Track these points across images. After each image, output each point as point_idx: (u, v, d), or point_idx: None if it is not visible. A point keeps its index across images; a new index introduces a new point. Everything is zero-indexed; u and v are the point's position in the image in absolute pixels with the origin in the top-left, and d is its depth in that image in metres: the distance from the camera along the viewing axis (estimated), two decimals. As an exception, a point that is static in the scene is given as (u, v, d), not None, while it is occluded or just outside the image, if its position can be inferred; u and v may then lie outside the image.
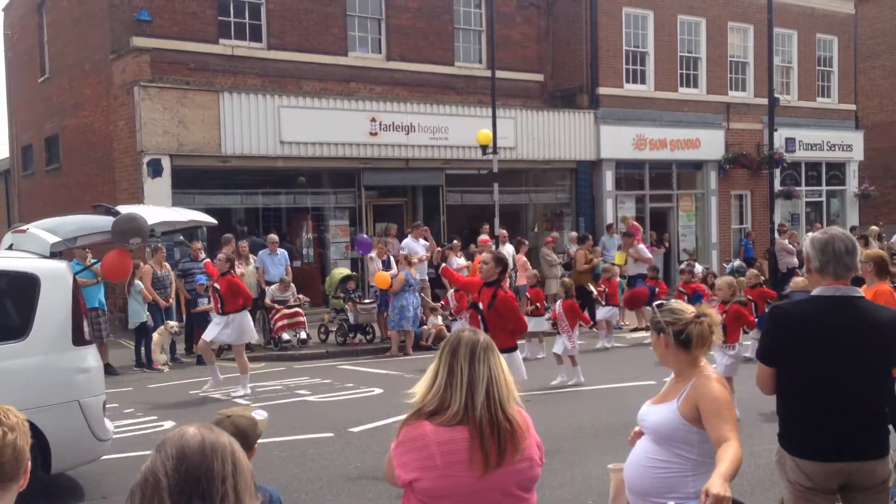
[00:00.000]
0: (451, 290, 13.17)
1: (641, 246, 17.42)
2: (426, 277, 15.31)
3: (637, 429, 3.72)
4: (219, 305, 11.29)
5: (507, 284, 7.99)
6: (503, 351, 6.76)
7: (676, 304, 3.70)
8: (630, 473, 3.60)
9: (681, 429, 3.45)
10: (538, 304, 13.23)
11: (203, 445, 1.87)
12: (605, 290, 15.06)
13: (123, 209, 8.79)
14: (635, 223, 18.47)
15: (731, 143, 23.27)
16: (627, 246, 17.09)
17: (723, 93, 23.38)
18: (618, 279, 15.70)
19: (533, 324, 14.10)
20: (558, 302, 11.89)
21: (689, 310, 3.60)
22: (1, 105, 36.17)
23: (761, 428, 7.82)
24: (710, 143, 22.80)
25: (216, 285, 11.40)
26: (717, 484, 3.01)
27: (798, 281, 10.25)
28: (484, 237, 15.80)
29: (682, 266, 17.20)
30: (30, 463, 2.14)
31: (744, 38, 23.97)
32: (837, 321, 3.72)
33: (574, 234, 20.04)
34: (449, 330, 14.14)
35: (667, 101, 22.15)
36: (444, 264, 8.63)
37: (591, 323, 15.12)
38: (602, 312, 14.95)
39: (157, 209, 14.02)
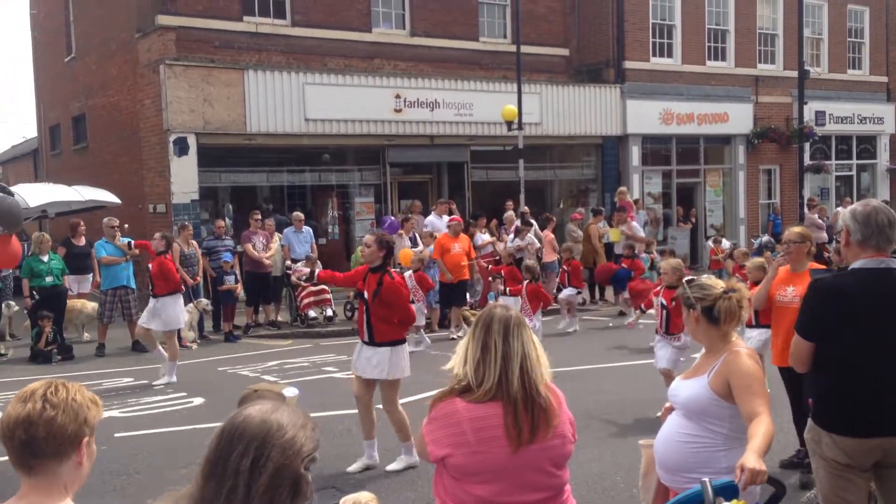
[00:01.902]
0: (410, 271, 12.52)
1: (635, 223, 16.87)
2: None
3: (668, 404, 3.71)
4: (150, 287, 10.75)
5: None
6: (388, 344, 6.69)
7: (706, 279, 3.72)
8: (661, 449, 3.58)
9: (712, 403, 3.44)
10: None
11: (236, 429, 1.89)
12: (567, 270, 14.18)
13: (22, 188, 8.63)
14: (628, 199, 17.95)
15: (759, 116, 22.94)
16: (620, 222, 16.58)
17: (751, 66, 23.01)
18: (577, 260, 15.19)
19: (566, 293, 14.09)
20: (524, 283, 11.44)
21: (719, 285, 3.61)
22: (28, 85, 36.48)
23: (785, 408, 7.75)
24: (738, 117, 22.50)
25: (149, 265, 10.86)
26: (751, 459, 2.99)
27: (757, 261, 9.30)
28: (455, 216, 15.10)
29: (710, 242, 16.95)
30: (86, 442, 2.14)
31: (773, 9, 23.54)
32: (883, 293, 3.66)
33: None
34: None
35: (694, 75, 21.85)
36: (318, 271, 8.17)
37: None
38: (564, 294, 14.11)
39: (55, 189, 14.06)
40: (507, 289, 12.38)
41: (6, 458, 2.13)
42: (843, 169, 25.63)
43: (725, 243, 18.42)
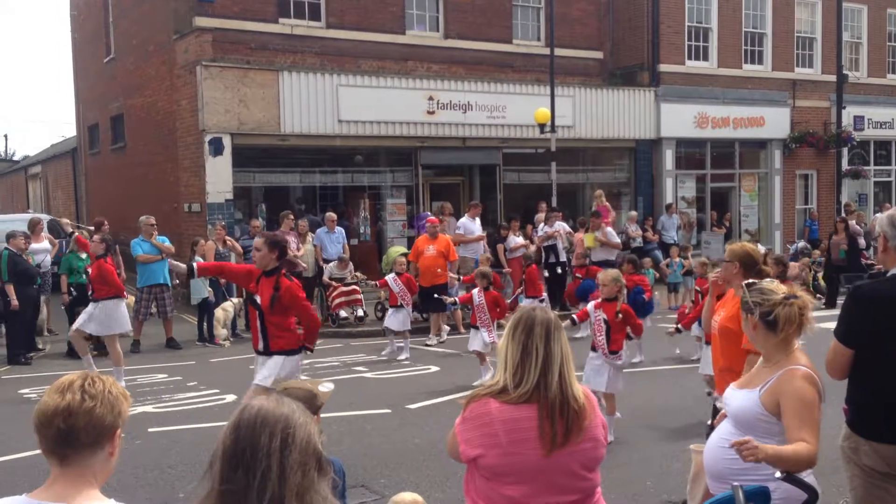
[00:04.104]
0: (393, 274, 12.20)
1: (609, 229, 15.68)
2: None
3: (723, 411, 3.65)
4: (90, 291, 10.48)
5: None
6: (283, 353, 6.27)
7: (767, 283, 3.57)
8: (708, 455, 3.55)
9: (761, 418, 3.36)
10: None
11: (256, 418, 1.93)
12: (523, 278, 13.15)
13: None
14: (606, 203, 16.87)
15: (796, 121, 22.65)
16: (595, 227, 15.36)
17: (789, 69, 22.74)
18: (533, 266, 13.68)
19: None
20: (474, 292, 10.35)
21: (780, 290, 3.47)
22: (69, 85, 37.09)
23: (824, 412, 7.64)
24: (774, 122, 22.24)
25: (88, 269, 10.56)
26: (760, 445, 2.99)
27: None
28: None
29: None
30: (119, 433, 2.19)
31: (811, 12, 23.24)
32: None
33: (634, 213, 19.82)
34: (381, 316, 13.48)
35: (730, 79, 21.64)
36: (196, 261, 7.11)
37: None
38: (523, 304, 13.46)
39: None
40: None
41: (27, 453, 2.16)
42: (882, 174, 25.22)
43: (760, 248, 18.20)
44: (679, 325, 8.78)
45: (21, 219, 16.95)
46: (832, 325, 3.89)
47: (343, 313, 14.41)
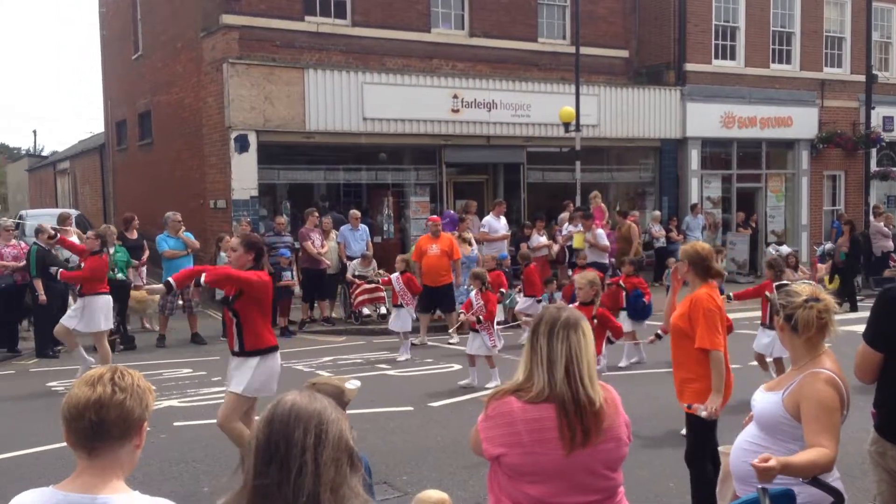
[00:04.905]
0: (397, 273, 12.11)
1: (600, 231, 14.98)
2: (506, 256, 15.23)
3: (752, 412, 3.64)
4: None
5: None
6: (252, 354, 6.09)
7: (796, 286, 3.56)
8: (733, 457, 3.54)
9: (784, 422, 3.34)
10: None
11: (290, 414, 1.95)
12: (522, 279, 12.72)
13: None
14: (601, 205, 15.94)
15: (824, 121, 22.41)
16: (586, 229, 14.80)
17: (817, 69, 22.49)
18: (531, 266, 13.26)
19: (522, 305, 12.73)
20: (472, 295, 10.18)
21: (805, 293, 3.44)
22: (97, 82, 37.51)
23: (852, 416, 7.57)
24: (802, 122, 22.02)
25: (82, 264, 10.46)
26: (772, 459, 2.95)
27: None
28: (433, 216, 14.36)
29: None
30: (145, 426, 2.21)
31: (840, 11, 22.97)
32: None
33: (657, 213, 19.72)
34: (385, 318, 13.39)
35: (757, 78, 21.44)
36: (171, 277, 6.49)
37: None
38: (520, 304, 13.14)
39: None
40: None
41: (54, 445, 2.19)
42: (912, 176, 24.85)
43: (785, 249, 18.06)
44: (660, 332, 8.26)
45: (49, 214, 17.16)
46: (852, 328, 3.84)
47: (366, 310, 14.46)
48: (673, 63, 20.75)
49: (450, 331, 12.95)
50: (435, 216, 14.50)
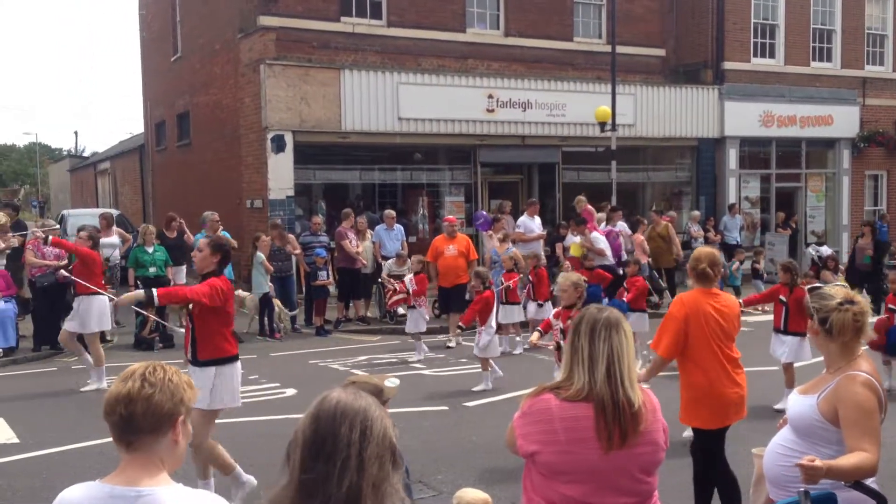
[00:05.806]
0: (411, 275, 11.93)
1: (595, 234, 14.07)
2: (541, 254, 15.15)
3: (786, 415, 3.59)
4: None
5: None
6: (213, 363, 5.82)
7: (829, 288, 3.50)
8: (766, 460, 3.50)
9: (817, 426, 3.29)
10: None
11: (336, 409, 1.98)
12: (509, 286, 11.97)
13: None
14: (589, 207, 14.75)
15: (866, 120, 22.03)
16: (580, 234, 13.95)
17: (858, 67, 22.11)
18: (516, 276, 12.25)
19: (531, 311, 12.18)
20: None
21: (840, 295, 3.38)
22: (137, 83, 38.03)
23: (891, 417, 7.43)
24: (843, 120, 21.66)
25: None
26: (817, 460, 2.92)
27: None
28: (449, 216, 14.02)
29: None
30: (181, 420, 2.24)
31: (882, 8, 22.56)
32: None
33: (696, 213, 19.52)
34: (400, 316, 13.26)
35: (797, 76, 21.14)
36: (156, 291, 6.07)
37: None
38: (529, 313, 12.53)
39: None
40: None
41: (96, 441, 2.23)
42: (957, 175, 24.33)
43: (825, 250, 17.76)
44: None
45: (91, 213, 17.43)
46: None
47: (401, 310, 14.47)
48: (711, 62, 20.53)
49: (449, 335, 12.81)
50: (451, 217, 14.50)
